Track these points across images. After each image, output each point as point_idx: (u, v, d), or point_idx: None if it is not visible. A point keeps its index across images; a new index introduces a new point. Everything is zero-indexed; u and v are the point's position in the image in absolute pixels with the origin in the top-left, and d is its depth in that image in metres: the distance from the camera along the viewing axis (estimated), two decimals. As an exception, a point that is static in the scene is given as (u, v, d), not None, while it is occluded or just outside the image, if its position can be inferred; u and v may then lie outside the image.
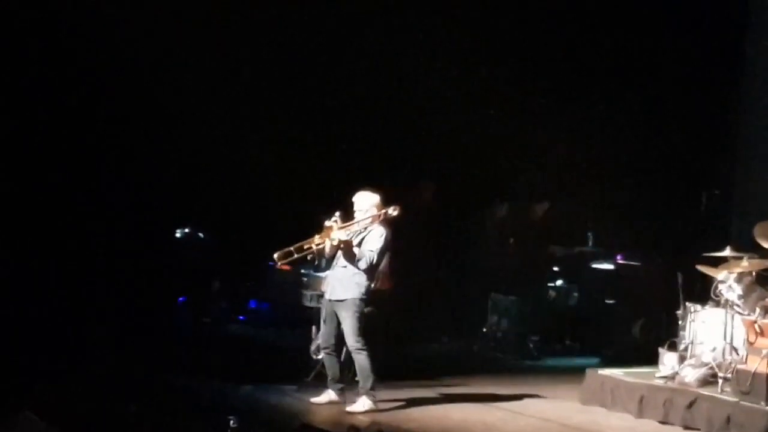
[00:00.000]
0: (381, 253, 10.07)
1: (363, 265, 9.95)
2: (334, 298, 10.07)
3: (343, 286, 10.02)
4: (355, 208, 10.17)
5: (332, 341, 10.09)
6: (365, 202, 10.16)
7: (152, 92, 13.87)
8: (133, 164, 14.49)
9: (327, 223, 9.99)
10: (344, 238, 9.96)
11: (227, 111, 14.60)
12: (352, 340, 9.91)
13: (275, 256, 10.14)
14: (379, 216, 10.08)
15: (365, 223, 10.09)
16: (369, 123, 15.39)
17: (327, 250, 10.03)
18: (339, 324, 10.02)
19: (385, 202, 10.17)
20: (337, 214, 10.05)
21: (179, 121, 14.22)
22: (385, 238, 10.07)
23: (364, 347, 9.90)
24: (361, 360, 9.92)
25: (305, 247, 10.06)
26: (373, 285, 10.16)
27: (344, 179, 11.22)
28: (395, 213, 10.06)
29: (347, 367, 10.27)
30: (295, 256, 10.05)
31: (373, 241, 10.03)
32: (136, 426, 8.61)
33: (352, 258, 9.97)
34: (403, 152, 15.54)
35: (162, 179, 14.73)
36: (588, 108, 15.45)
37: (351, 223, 10.06)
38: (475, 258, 16.23)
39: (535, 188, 16.18)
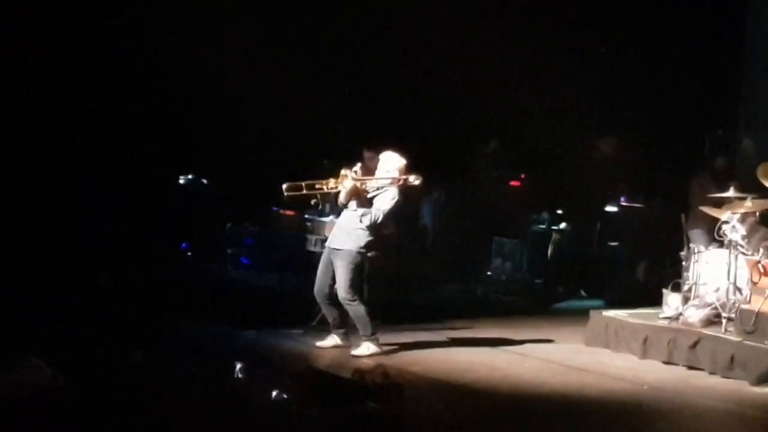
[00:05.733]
0: (387, 216, 9.96)
1: (367, 221, 9.86)
2: (333, 245, 10.02)
3: (343, 235, 9.97)
4: (378, 167, 10.07)
5: (326, 290, 10.02)
6: (390, 163, 10.01)
7: (155, 40, 13.78)
8: (135, 111, 14.43)
9: (344, 172, 9.89)
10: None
11: (229, 56, 14.50)
12: (343, 292, 9.86)
13: (284, 186, 10.04)
14: (399, 180, 9.97)
15: (383, 183, 9.98)
16: (372, 68, 15.31)
17: (342, 197, 9.97)
18: (333, 273, 9.98)
19: (410, 170, 10.01)
20: (359, 165, 10.00)
21: (181, 66, 14.15)
22: (396, 203, 9.95)
23: (354, 298, 9.86)
24: (355, 310, 9.91)
25: (317, 186, 10.01)
26: (372, 239, 10.00)
27: (348, 125, 11.10)
28: (417, 182, 9.99)
29: (346, 312, 10.18)
30: (304, 192, 10.00)
31: (384, 201, 9.92)
32: (141, 372, 8.64)
33: (363, 205, 9.88)
34: (402, 95, 15.45)
35: (164, 126, 14.67)
36: (589, 46, 15.34)
37: (368, 178, 9.97)
38: (476, 199, 16.19)
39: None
